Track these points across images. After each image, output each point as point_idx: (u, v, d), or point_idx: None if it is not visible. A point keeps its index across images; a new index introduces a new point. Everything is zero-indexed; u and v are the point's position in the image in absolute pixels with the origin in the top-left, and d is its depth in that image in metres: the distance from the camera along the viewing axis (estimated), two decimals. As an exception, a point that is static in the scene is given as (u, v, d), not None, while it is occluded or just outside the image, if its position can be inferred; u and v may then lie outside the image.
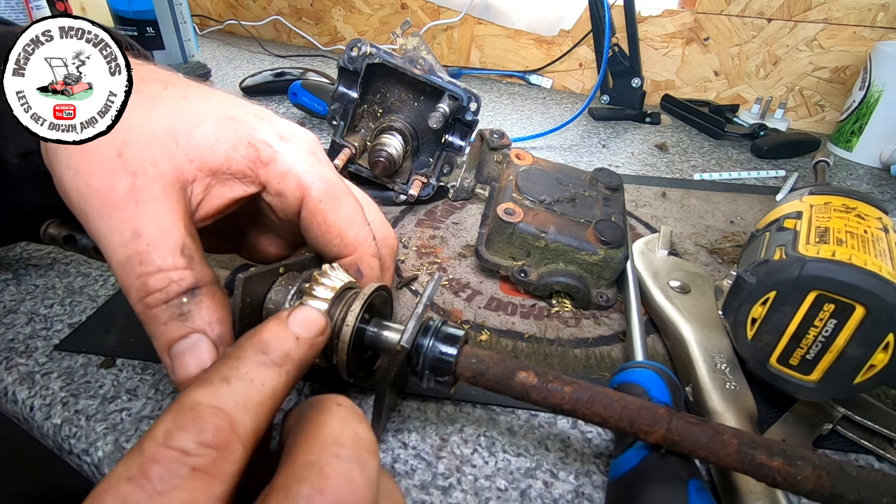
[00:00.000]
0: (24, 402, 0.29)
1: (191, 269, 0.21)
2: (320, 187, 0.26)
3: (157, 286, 0.21)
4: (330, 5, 1.10)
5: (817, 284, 0.26)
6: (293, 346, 0.19)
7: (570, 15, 0.93)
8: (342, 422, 0.16)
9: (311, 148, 0.27)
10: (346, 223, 0.27)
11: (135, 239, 0.21)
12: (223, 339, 0.22)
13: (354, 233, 0.27)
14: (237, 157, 0.24)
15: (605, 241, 0.37)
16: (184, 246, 0.21)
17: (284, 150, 0.26)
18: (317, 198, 0.26)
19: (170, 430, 0.15)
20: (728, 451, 0.21)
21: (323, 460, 0.15)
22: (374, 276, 0.28)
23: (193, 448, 0.14)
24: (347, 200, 0.27)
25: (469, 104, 0.46)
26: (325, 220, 0.26)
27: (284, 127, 0.27)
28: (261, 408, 0.16)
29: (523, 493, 0.26)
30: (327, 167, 0.27)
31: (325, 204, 0.26)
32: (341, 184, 0.28)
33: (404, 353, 0.24)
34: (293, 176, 0.26)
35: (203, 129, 0.24)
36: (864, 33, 0.77)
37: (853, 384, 0.27)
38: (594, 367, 0.33)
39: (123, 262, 0.21)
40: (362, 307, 0.24)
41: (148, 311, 0.21)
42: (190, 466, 0.14)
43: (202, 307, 0.21)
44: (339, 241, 0.27)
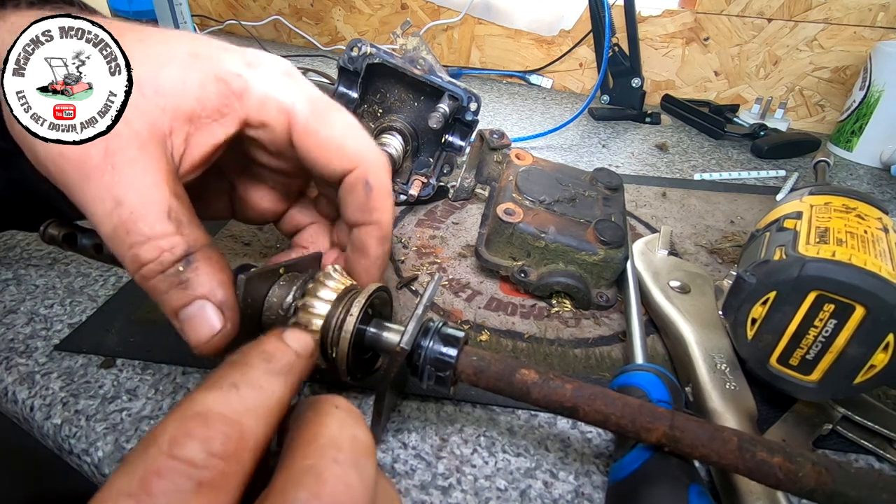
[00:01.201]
0: (24, 403, 0.29)
1: (181, 234, 0.21)
2: (304, 106, 0.24)
3: (148, 256, 0.20)
4: (330, 5, 1.10)
5: (817, 284, 0.26)
6: (294, 359, 0.19)
7: (570, 15, 0.93)
8: (340, 424, 0.16)
9: (284, 69, 0.25)
10: (342, 135, 0.25)
11: (117, 208, 0.20)
12: (227, 303, 0.22)
13: (354, 142, 0.25)
14: (208, 95, 0.23)
15: (605, 242, 0.37)
16: (170, 209, 0.21)
17: (256, 77, 0.24)
18: (304, 118, 0.24)
19: (176, 438, 0.14)
20: (729, 448, 0.21)
21: (320, 465, 0.14)
22: (384, 186, 0.26)
23: (202, 458, 0.13)
24: (338, 112, 0.26)
25: (469, 104, 0.46)
26: (319, 138, 0.25)
27: (252, 54, 0.25)
28: (270, 416, 0.16)
29: (523, 494, 0.26)
30: (307, 85, 0.26)
31: (314, 121, 0.24)
32: (326, 97, 0.26)
33: (404, 354, 0.24)
34: (272, 101, 0.24)
35: (167, 71, 0.22)
36: (865, 33, 0.77)
37: (853, 384, 0.27)
38: (594, 367, 0.33)
39: (111, 233, 0.20)
40: (362, 308, 0.24)
41: (146, 282, 0.21)
42: (196, 481, 0.13)
43: (200, 273, 0.21)
44: (340, 155, 0.25)
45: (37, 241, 0.42)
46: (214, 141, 0.23)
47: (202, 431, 0.14)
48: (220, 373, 0.17)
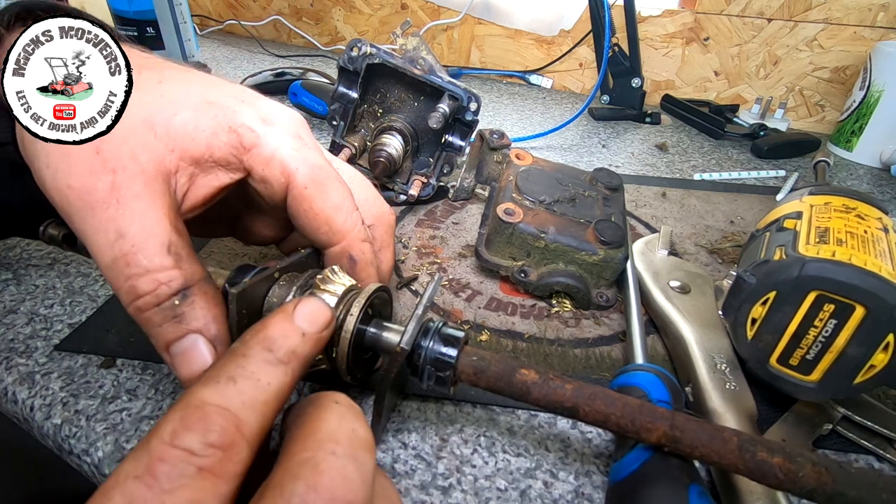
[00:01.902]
0: (24, 403, 0.29)
1: (179, 269, 0.21)
2: (305, 173, 0.25)
3: (145, 289, 0.20)
4: (330, 5, 1.10)
5: (817, 284, 0.26)
6: (299, 342, 0.19)
7: (570, 15, 0.93)
8: (339, 419, 0.16)
9: (295, 130, 0.26)
10: (332, 210, 0.26)
11: (119, 240, 0.20)
12: (220, 338, 0.22)
13: (342, 219, 0.26)
14: (219, 144, 0.23)
15: (605, 242, 0.37)
16: (170, 244, 0.21)
17: (268, 135, 0.25)
18: (302, 184, 0.25)
19: (176, 430, 0.15)
20: (729, 448, 0.21)
21: (318, 457, 0.15)
22: (367, 260, 0.27)
23: (200, 448, 0.14)
24: (334, 186, 0.26)
25: (469, 104, 0.46)
26: (312, 208, 0.25)
27: (268, 109, 0.26)
28: (266, 407, 0.16)
29: (523, 494, 0.26)
30: (313, 150, 0.26)
31: (311, 190, 0.25)
32: (328, 168, 0.27)
33: (404, 354, 0.24)
34: (277, 161, 0.25)
35: (182, 115, 0.23)
36: (865, 33, 0.77)
37: (853, 384, 0.27)
38: (594, 367, 0.33)
39: (110, 264, 0.20)
40: (362, 308, 0.24)
41: (140, 314, 0.21)
42: (196, 466, 0.14)
43: (195, 307, 0.21)
44: (327, 229, 0.26)
45: (37, 241, 0.42)
46: (218, 184, 0.24)
47: (200, 424, 0.15)
48: (221, 364, 0.17)
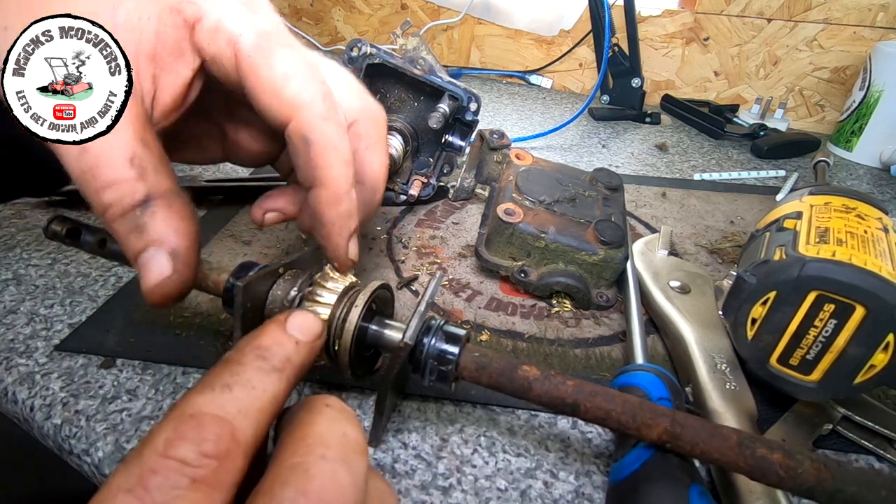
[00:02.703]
0: (24, 403, 0.29)
1: (142, 181, 0.20)
2: (250, 39, 0.22)
3: (109, 199, 0.20)
4: (330, 5, 1.10)
5: (817, 284, 0.26)
6: (293, 350, 0.18)
7: (570, 15, 0.93)
8: (330, 422, 0.16)
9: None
10: (281, 78, 0.22)
11: (82, 154, 0.20)
12: (179, 251, 0.21)
13: (294, 89, 0.22)
14: (165, 30, 0.21)
15: (605, 242, 0.37)
16: (132, 156, 0.20)
17: (210, 4, 0.22)
18: (246, 51, 0.22)
19: (170, 439, 0.14)
20: (729, 445, 0.21)
21: (308, 461, 0.15)
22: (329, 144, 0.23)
23: (194, 458, 0.14)
24: (284, 52, 0.23)
25: (469, 104, 0.46)
26: (258, 78, 0.22)
27: None
28: (262, 415, 0.16)
29: (523, 494, 0.26)
30: (264, 17, 0.23)
31: (256, 57, 0.22)
32: (281, 35, 0.23)
33: (407, 350, 0.24)
34: (222, 32, 0.22)
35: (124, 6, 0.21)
36: (864, 33, 0.78)
37: (853, 384, 0.27)
38: (594, 367, 0.33)
39: (79, 178, 0.20)
40: (364, 305, 0.24)
41: (110, 224, 0.21)
42: (190, 478, 0.14)
43: (156, 219, 0.21)
44: (278, 103, 0.22)
45: (37, 241, 0.42)
46: (182, 80, 0.22)
47: (194, 433, 0.14)
48: (215, 372, 0.17)
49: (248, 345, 0.18)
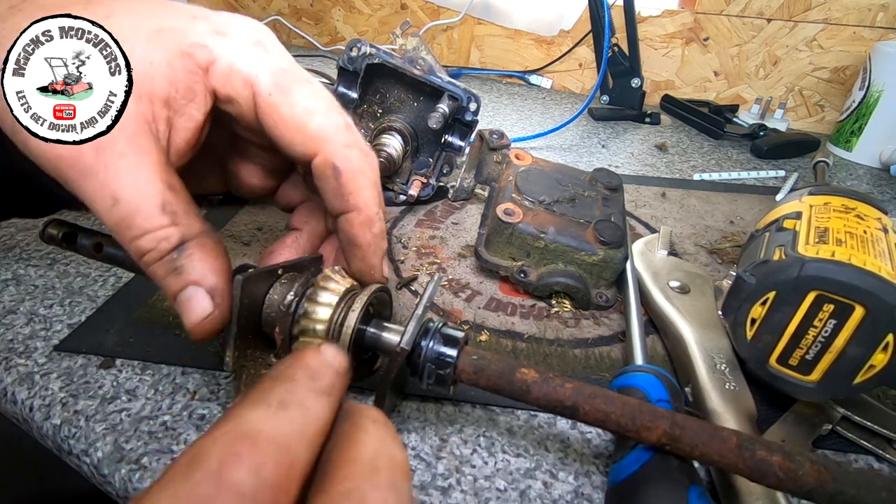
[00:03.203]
0: (23, 403, 0.29)
1: (176, 226, 0.21)
2: (267, 79, 0.23)
3: (147, 247, 0.21)
4: (330, 5, 1.10)
5: (817, 285, 0.26)
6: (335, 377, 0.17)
7: (570, 15, 0.93)
8: (379, 442, 0.15)
9: (255, 38, 0.24)
10: (304, 113, 0.23)
11: (115, 206, 0.21)
12: (217, 289, 0.22)
13: (318, 123, 0.23)
14: (177, 75, 0.22)
15: (605, 242, 0.37)
16: (164, 203, 0.21)
17: (222, 47, 0.22)
18: (266, 91, 0.23)
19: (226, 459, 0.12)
20: (729, 447, 0.21)
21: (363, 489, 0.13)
22: (355, 169, 0.24)
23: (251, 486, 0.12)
24: (303, 87, 0.24)
25: (469, 104, 0.46)
26: (281, 116, 0.23)
27: (222, 20, 0.23)
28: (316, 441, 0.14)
29: (523, 494, 0.26)
30: (277, 56, 0.24)
31: (276, 96, 0.23)
32: (295, 71, 0.24)
33: (404, 354, 0.24)
34: (237, 74, 0.23)
35: (134, 53, 0.21)
36: (864, 33, 0.78)
37: (853, 384, 0.27)
38: (594, 367, 0.33)
39: (114, 228, 0.21)
40: (362, 308, 0.24)
41: (147, 268, 0.22)
42: None
43: (193, 260, 0.22)
44: (302, 137, 0.23)
45: (36, 241, 0.42)
46: (195, 123, 0.23)
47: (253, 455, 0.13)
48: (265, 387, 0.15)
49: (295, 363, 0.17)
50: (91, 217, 0.44)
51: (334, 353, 0.18)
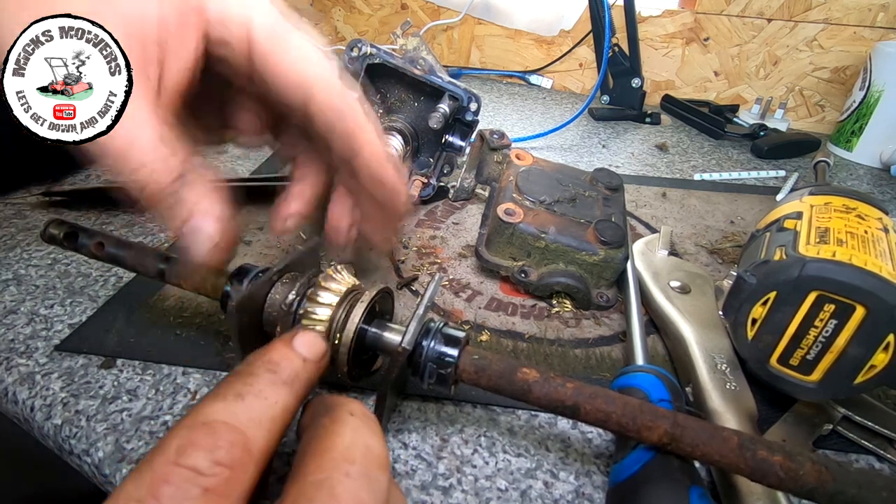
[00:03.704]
0: (24, 403, 0.29)
1: (175, 157, 0.21)
2: (263, 24, 0.23)
3: (147, 179, 0.21)
4: (330, 5, 1.10)
5: (818, 285, 0.26)
6: (301, 366, 0.18)
7: (570, 15, 0.94)
8: (354, 434, 0.16)
9: None
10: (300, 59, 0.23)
11: (112, 139, 0.21)
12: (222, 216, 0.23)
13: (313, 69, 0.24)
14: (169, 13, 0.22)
15: (606, 242, 0.37)
16: (162, 136, 0.21)
17: None
18: (261, 37, 0.23)
19: (182, 447, 0.14)
20: (730, 447, 0.21)
21: (333, 479, 0.14)
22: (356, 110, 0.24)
23: (207, 467, 0.14)
24: (297, 36, 0.24)
25: (469, 104, 0.46)
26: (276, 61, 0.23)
27: None
28: (273, 425, 0.16)
29: (524, 494, 0.25)
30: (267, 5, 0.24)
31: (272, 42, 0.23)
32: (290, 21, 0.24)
33: (405, 354, 0.24)
34: (231, 17, 0.22)
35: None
36: (864, 33, 0.78)
37: (853, 384, 0.27)
38: (594, 367, 0.33)
39: (112, 164, 0.21)
40: (365, 310, 0.24)
41: (149, 203, 0.22)
42: (202, 487, 0.13)
43: (195, 190, 0.22)
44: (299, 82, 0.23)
45: (37, 241, 0.42)
46: (185, 65, 0.23)
47: (207, 441, 0.14)
48: (226, 382, 0.17)
49: (258, 359, 0.18)
50: (92, 217, 0.44)
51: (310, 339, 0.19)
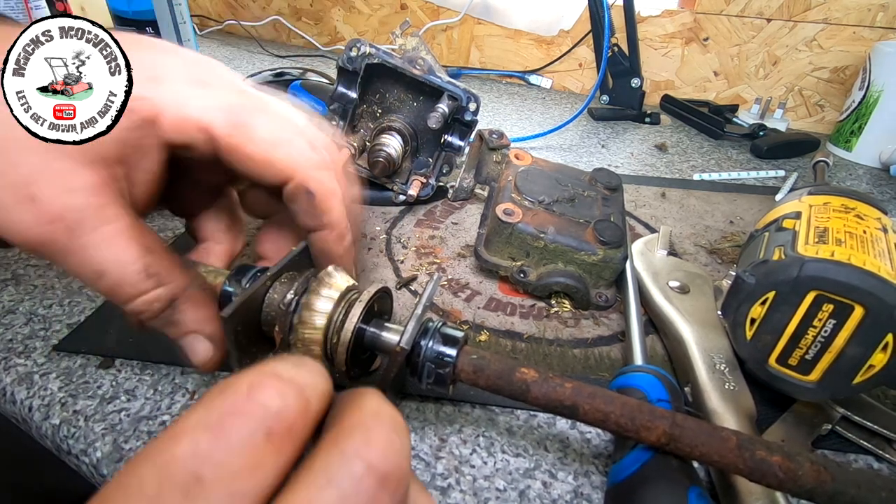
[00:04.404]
0: (22, 403, 0.29)
1: (163, 286, 0.22)
2: (222, 118, 0.22)
3: (139, 309, 0.22)
4: (330, 5, 1.10)
5: (816, 284, 0.26)
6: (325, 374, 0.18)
7: (570, 15, 0.93)
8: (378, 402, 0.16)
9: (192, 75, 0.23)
10: (269, 147, 0.23)
11: (101, 279, 0.22)
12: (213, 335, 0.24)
13: (284, 152, 0.24)
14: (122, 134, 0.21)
15: (605, 242, 0.37)
16: (145, 267, 0.22)
17: (163, 94, 0.22)
18: (223, 133, 0.22)
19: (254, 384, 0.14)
20: (729, 447, 0.21)
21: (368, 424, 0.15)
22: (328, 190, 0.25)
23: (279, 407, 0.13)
24: (260, 119, 0.23)
25: (468, 104, 0.46)
26: (244, 153, 0.23)
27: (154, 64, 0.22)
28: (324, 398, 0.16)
29: (522, 494, 0.26)
30: (223, 90, 0.23)
31: (236, 136, 0.23)
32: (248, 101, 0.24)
33: (404, 354, 0.24)
34: (188, 120, 0.22)
35: None
36: (864, 33, 0.78)
37: (852, 384, 0.27)
38: (593, 367, 0.33)
39: (105, 294, 0.22)
40: (363, 310, 0.24)
41: (146, 325, 0.23)
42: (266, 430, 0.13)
43: (186, 314, 0.23)
44: (272, 171, 0.23)
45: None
46: (151, 175, 0.23)
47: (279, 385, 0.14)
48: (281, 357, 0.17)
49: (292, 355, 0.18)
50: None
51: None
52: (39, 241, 0.21)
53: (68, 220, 0.21)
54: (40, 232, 0.20)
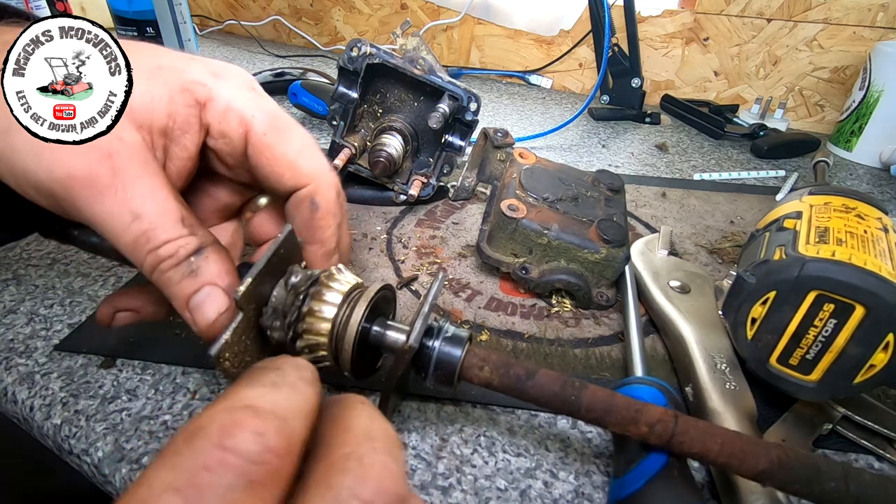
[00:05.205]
0: (23, 403, 0.29)
1: (194, 235, 0.23)
2: (263, 120, 0.25)
3: (166, 254, 0.22)
4: (330, 5, 1.10)
5: (817, 284, 0.26)
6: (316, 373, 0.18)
7: (570, 15, 0.93)
8: (370, 418, 0.16)
9: (248, 83, 0.26)
10: (296, 154, 0.26)
11: (136, 221, 0.21)
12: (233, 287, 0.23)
13: (309, 162, 0.26)
14: (176, 108, 0.24)
15: (608, 240, 0.37)
16: (182, 217, 0.22)
17: (220, 87, 0.25)
18: (261, 131, 0.25)
19: (226, 428, 0.12)
20: (727, 446, 0.21)
21: (361, 451, 0.14)
22: (330, 210, 0.27)
23: (256, 452, 0.12)
24: (295, 130, 0.27)
25: (469, 104, 0.46)
26: (274, 154, 0.25)
27: (218, 65, 0.26)
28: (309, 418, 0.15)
29: (523, 493, 0.26)
30: (269, 101, 0.27)
31: (271, 136, 0.25)
32: (287, 116, 0.27)
33: (412, 353, 0.24)
34: (234, 112, 0.25)
35: (137, 88, 0.23)
36: (864, 33, 0.77)
37: (853, 384, 0.27)
38: (594, 367, 0.33)
39: (132, 242, 0.22)
40: (367, 307, 0.24)
41: (162, 275, 0.22)
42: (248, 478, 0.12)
43: (209, 262, 0.23)
44: (292, 173, 0.26)
45: (36, 241, 0.42)
46: (188, 153, 0.25)
47: (255, 423, 0.13)
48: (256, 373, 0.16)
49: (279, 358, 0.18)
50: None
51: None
52: (84, 174, 0.21)
53: (115, 162, 0.22)
54: (87, 167, 0.21)
